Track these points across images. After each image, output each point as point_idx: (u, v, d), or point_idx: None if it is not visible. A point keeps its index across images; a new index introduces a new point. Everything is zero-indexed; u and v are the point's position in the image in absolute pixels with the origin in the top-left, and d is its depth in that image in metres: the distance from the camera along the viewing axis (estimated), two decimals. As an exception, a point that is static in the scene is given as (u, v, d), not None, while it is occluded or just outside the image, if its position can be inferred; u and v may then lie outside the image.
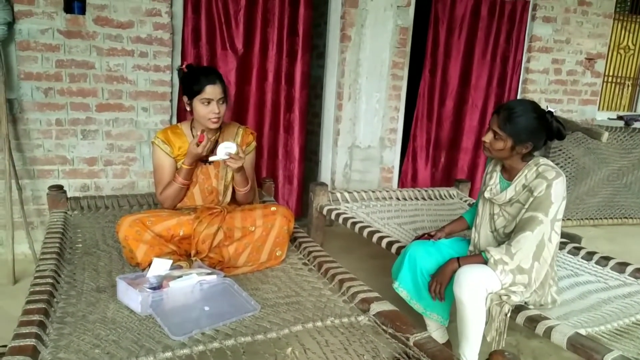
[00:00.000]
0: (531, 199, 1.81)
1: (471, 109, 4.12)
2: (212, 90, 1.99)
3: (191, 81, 2.02)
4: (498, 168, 2.00)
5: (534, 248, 1.79)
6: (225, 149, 1.96)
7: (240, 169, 2.05)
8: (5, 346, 1.31)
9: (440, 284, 1.90)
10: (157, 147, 2.12)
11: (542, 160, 1.87)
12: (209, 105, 2.00)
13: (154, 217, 1.95)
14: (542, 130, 1.85)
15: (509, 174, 1.95)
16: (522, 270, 1.78)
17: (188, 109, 2.08)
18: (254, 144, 2.25)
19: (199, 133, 2.04)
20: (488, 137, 1.88)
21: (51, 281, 1.67)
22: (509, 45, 4.10)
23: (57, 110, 3.02)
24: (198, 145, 1.98)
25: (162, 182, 2.13)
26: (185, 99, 2.06)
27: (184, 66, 2.08)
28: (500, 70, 4.14)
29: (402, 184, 4.14)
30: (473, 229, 2.09)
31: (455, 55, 3.99)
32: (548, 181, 1.78)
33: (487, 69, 4.09)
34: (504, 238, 1.94)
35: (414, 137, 4.06)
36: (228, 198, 2.22)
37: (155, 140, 2.12)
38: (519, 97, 4.29)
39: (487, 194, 1.99)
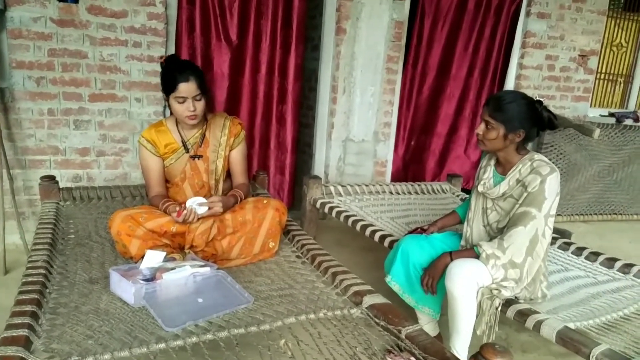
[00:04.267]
0: (525, 194, 1.83)
1: (448, 99, 4.16)
2: (185, 88, 1.94)
3: (166, 78, 1.98)
4: (492, 162, 2.01)
5: (527, 243, 1.80)
6: (198, 202, 1.93)
7: (228, 204, 2.02)
8: (-3, 336, 1.31)
9: (433, 277, 1.91)
10: (142, 147, 2.10)
11: (537, 155, 1.88)
12: (184, 103, 1.97)
13: (147, 214, 1.93)
14: (532, 118, 1.86)
15: (503, 169, 1.96)
16: (515, 265, 1.80)
17: (167, 104, 2.06)
18: (242, 133, 2.22)
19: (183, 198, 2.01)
20: (481, 129, 1.89)
21: (43, 272, 1.67)
22: (493, 40, 4.11)
23: (49, 99, 2.99)
24: (179, 216, 1.89)
25: (150, 185, 2.12)
26: (163, 95, 2.04)
27: (163, 59, 2.03)
28: (490, 64, 4.16)
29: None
30: (465, 223, 2.10)
31: (437, 48, 4.00)
32: (542, 177, 1.80)
33: (473, 62, 4.11)
34: (497, 233, 1.96)
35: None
36: (220, 192, 2.21)
37: (141, 140, 2.10)
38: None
39: (480, 188, 2.00)
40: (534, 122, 1.87)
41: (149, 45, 3.11)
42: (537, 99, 1.90)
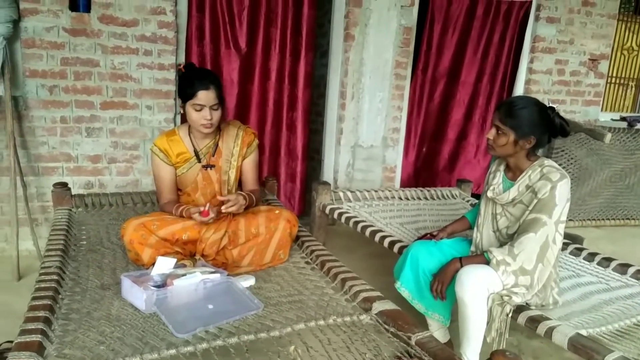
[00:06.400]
0: (535, 201, 1.82)
1: (459, 105, 4.16)
2: (204, 97, 1.94)
3: (185, 84, 1.98)
4: (502, 168, 2.00)
5: (538, 250, 1.79)
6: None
7: (246, 205, 1.99)
8: (11, 342, 1.33)
9: (442, 283, 1.90)
10: (155, 156, 2.11)
11: (547, 161, 1.87)
12: (201, 111, 1.96)
13: (159, 222, 1.94)
14: (544, 124, 1.85)
15: (512, 174, 1.95)
16: (525, 272, 1.79)
17: (182, 111, 2.05)
18: (255, 142, 2.22)
19: (204, 207, 1.92)
20: (491, 134, 1.88)
21: (56, 278, 1.69)
22: (503, 45, 4.10)
23: (62, 107, 3.03)
24: (206, 216, 1.90)
25: (162, 193, 2.13)
26: (179, 101, 2.03)
27: (182, 66, 2.03)
28: (500, 70, 4.15)
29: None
30: (475, 228, 2.09)
31: (447, 54, 4.01)
32: (552, 183, 1.79)
33: (482, 68, 4.10)
34: (507, 239, 1.95)
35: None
36: None
37: (153, 149, 2.11)
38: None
39: (489, 194, 1.99)
40: (545, 128, 1.86)
41: (159, 54, 3.15)
42: (550, 105, 1.88)
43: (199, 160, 2.13)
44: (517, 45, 4.17)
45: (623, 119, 4.60)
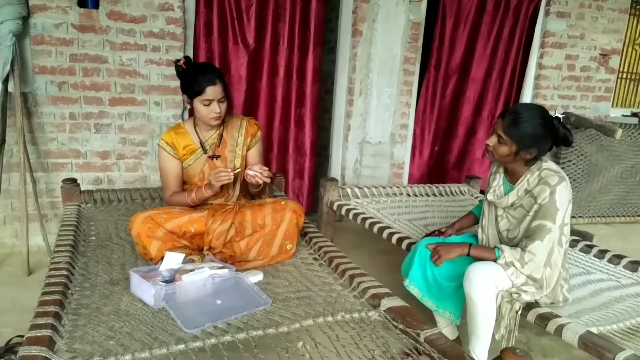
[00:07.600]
0: (536, 207, 1.79)
1: (470, 101, 4.13)
2: (212, 91, 1.98)
3: (190, 81, 2.01)
4: (501, 170, 1.97)
5: (546, 256, 1.78)
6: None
7: (260, 186, 2.07)
8: (22, 336, 1.34)
9: (441, 256, 1.91)
10: (162, 150, 2.13)
11: (545, 164, 1.84)
12: (210, 105, 2.00)
13: (166, 215, 1.96)
14: (547, 137, 1.81)
15: (511, 177, 1.92)
16: (535, 280, 1.79)
17: (188, 107, 2.09)
18: (259, 134, 2.25)
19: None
20: (492, 141, 1.84)
21: (66, 273, 1.70)
22: (512, 40, 4.06)
23: (71, 104, 3.05)
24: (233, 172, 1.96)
25: (169, 186, 2.15)
26: (185, 97, 2.07)
27: (181, 62, 2.06)
28: (509, 65, 4.11)
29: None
30: (479, 230, 2.07)
31: (459, 49, 3.97)
32: (551, 187, 1.76)
33: (492, 63, 4.06)
34: (510, 241, 1.92)
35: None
36: (237, 191, 2.23)
37: (160, 143, 2.14)
38: (531, 92, 4.26)
39: (490, 197, 1.97)
40: (548, 140, 1.82)
41: (167, 50, 3.15)
42: (556, 115, 1.85)
43: (205, 152, 2.15)
44: (526, 40, 4.13)
45: (634, 114, 4.54)
